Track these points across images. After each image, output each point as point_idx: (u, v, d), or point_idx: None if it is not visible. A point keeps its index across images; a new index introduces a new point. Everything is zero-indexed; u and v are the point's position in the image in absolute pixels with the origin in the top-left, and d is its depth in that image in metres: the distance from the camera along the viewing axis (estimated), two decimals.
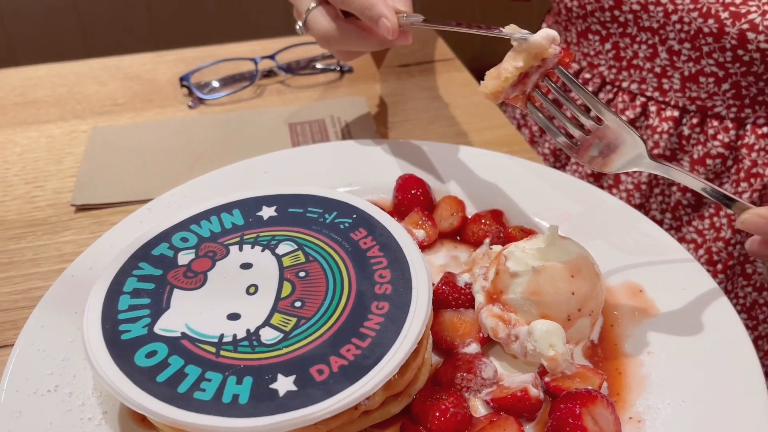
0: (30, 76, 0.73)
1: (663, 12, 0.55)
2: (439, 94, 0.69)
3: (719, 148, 0.59)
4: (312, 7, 0.50)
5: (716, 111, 0.58)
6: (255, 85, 0.70)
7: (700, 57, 0.56)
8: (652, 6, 0.55)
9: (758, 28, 0.51)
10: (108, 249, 0.45)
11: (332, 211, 0.43)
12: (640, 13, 0.56)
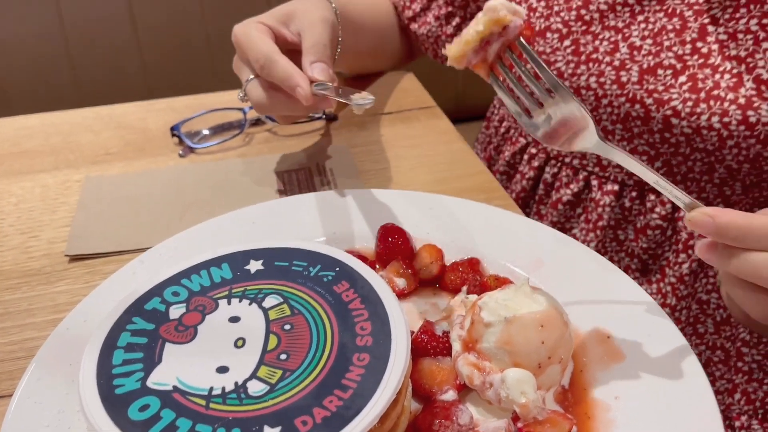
0: (24, 126, 0.76)
1: (594, 96, 0.59)
2: (419, 141, 0.72)
3: (658, 220, 0.62)
4: (250, 79, 0.56)
5: (651, 186, 0.61)
6: (244, 134, 0.72)
7: (632, 137, 0.59)
8: (583, 90, 0.59)
9: (681, 114, 0.55)
10: (102, 301, 0.47)
11: (316, 264, 0.45)
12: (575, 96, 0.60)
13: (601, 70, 0.58)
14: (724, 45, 0.53)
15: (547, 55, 0.61)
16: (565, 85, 0.42)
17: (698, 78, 0.54)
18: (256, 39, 0.55)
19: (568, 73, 0.60)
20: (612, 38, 0.58)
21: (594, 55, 0.59)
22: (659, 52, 0.56)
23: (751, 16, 0.52)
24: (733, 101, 0.51)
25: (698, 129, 0.53)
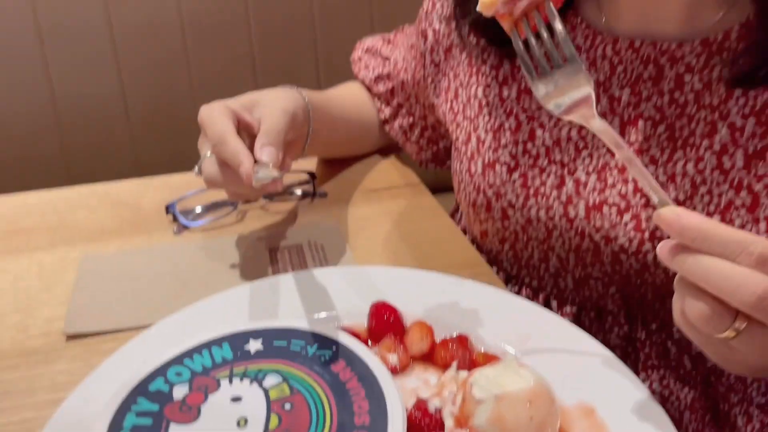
0: (20, 203, 0.78)
1: (545, 228, 0.60)
2: (406, 217, 0.75)
3: (616, 339, 0.63)
4: (207, 155, 0.60)
5: (609, 309, 0.62)
6: (237, 211, 0.75)
7: (585, 266, 0.61)
8: (534, 222, 0.61)
9: (628, 252, 0.57)
10: (103, 381, 0.48)
11: (314, 344, 0.47)
12: (526, 226, 0.62)
13: (549, 204, 0.60)
14: (665, 187, 0.54)
15: (497, 187, 0.63)
16: (581, 59, 0.43)
17: (642, 217, 0.55)
18: (216, 119, 0.59)
19: (519, 206, 0.62)
20: (558, 172, 0.60)
21: (542, 189, 0.61)
22: (604, 189, 0.57)
23: (686, 159, 0.54)
24: None
25: (645, 265, 0.55)
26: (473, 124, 0.66)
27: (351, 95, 0.84)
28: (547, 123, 0.61)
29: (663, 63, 0.55)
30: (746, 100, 0.52)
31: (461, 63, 0.68)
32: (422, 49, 0.73)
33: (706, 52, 0.53)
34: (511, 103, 0.63)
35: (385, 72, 0.82)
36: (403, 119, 0.82)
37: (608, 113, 0.58)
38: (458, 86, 0.69)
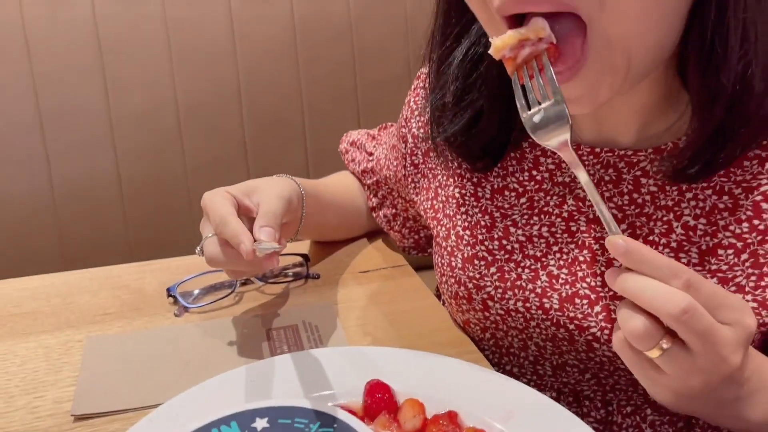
0: (25, 287, 0.81)
1: (523, 318, 0.65)
2: (394, 298, 0.79)
3: (594, 423, 0.66)
4: (209, 236, 0.65)
5: (585, 393, 0.66)
6: (235, 293, 0.79)
7: (561, 353, 0.65)
8: (513, 313, 0.65)
9: (600, 340, 0.61)
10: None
11: (316, 421, 0.51)
12: (505, 317, 0.66)
13: (525, 296, 0.64)
14: None
15: (477, 280, 0.67)
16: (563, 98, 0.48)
17: (611, 308, 0.60)
18: (218, 203, 0.65)
19: (498, 297, 0.65)
20: (532, 266, 0.64)
21: (518, 282, 0.64)
22: (575, 282, 0.61)
23: None
24: None
25: (617, 354, 0.59)
26: (452, 222, 0.71)
27: (343, 183, 0.90)
28: (519, 220, 0.65)
29: (621, 167, 0.60)
30: (697, 202, 0.57)
31: (438, 165, 0.74)
32: (403, 151, 0.79)
33: (659, 159, 0.58)
34: (486, 202, 0.68)
35: (369, 167, 0.89)
36: (387, 209, 0.88)
37: (576, 212, 0.63)
38: (437, 186, 0.74)
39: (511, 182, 0.66)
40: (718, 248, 0.56)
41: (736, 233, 0.55)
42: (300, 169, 1.31)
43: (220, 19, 1.25)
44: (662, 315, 0.43)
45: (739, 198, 0.55)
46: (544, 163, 0.65)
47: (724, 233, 0.56)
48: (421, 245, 0.89)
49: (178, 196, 1.26)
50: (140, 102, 1.23)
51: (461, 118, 0.64)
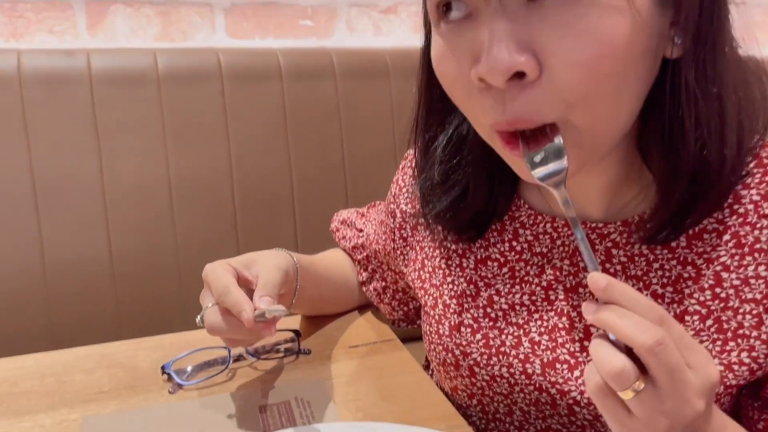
0: (20, 366, 0.82)
1: (507, 384, 0.68)
2: (384, 372, 0.81)
3: None
4: (209, 306, 0.68)
5: None
6: (228, 369, 0.81)
7: (545, 417, 0.67)
8: (498, 378, 0.68)
9: (580, 404, 0.64)
10: None
11: None
12: (491, 382, 0.69)
13: (509, 362, 0.67)
14: None
15: (463, 347, 0.70)
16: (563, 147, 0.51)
17: None
18: (219, 274, 0.69)
19: (483, 363, 0.68)
20: (515, 333, 0.67)
21: (502, 348, 0.67)
22: (555, 348, 0.65)
23: None
24: None
25: (597, 417, 0.62)
26: (439, 291, 0.74)
27: (335, 259, 0.94)
28: (502, 289, 0.69)
29: (594, 239, 0.64)
30: (663, 272, 0.61)
31: (425, 238, 0.78)
32: (392, 225, 0.83)
33: (627, 231, 0.62)
34: (470, 272, 0.72)
35: (359, 242, 0.92)
36: (377, 283, 0.92)
37: (554, 282, 0.67)
38: (424, 258, 0.78)
39: (493, 253, 0.70)
40: (685, 314, 0.59)
41: (701, 300, 0.59)
42: (289, 243, 1.35)
43: (213, 100, 1.31)
44: (636, 345, 0.45)
45: (701, 268, 0.59)
46: (523, 234, 0.69)
47: (689, 300, 0.59)
48: (410, 317, 0.92)
49: (169, 272, 1.28)
50: (134, 180, 1.27)
51: (448, 196, 0.68)
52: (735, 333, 0.57)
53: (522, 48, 0.47)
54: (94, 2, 1.37)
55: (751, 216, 0.57)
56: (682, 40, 0.51)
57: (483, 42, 0.49)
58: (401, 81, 1.43)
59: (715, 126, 0.53)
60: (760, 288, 0.56)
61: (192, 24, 1.44)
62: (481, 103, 0.52)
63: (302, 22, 1.52)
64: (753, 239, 0.57)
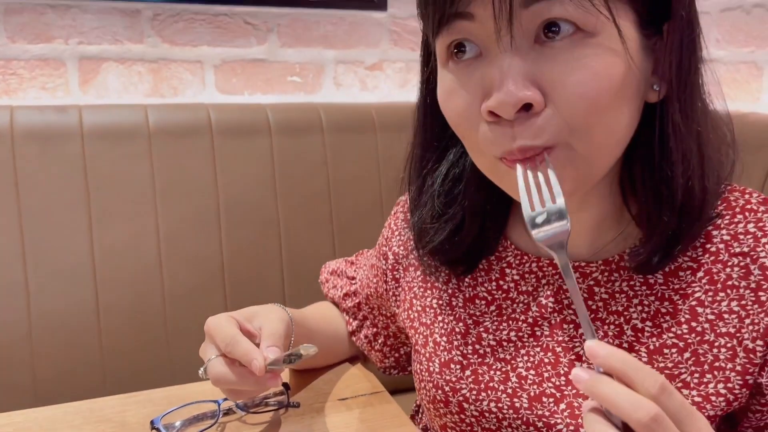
0: (6, 423, 0.81)
1: (495, 418, 0.68)
2: (374, 425, 0.82)
3: None
4: (213, 357, 0.70)
5: None
6: (217, 424, 0.81)
7: None
8: (486, 414, 0.69)
9: None
10: None
11: None
12: (480, 418, 0.70)
13: (498, 396, 0.68)
14: None
15: (453, 383, 0.71)
16: (566, 209, 0.53)
17: (575, 406, 0.64)
18: (224, 326, 0.70)
19: (473, 399, 0.69)
20: (503, 368, 0.69)
21: (491, 384, 0.69)
22: (542, 382, 0.66)
23: (582, 345, 0.64)
24: None
25: None
26: (429, 330, 0.76)
27: (324, 312, 0.95)
28: (490, 326, 0.71)
29: (577, 277, 0.66)
30: (642, 307, 0.63)
31: (416, 279, 0.81)
32: (384, 267, 0.86)
33: (608, 269, 0.65)
34: (460, 311, 0.74)
35: (352, 290, 0.94)
36: (368, 330, 0.93)
37: (539, 318, 0.68)
38: (413, 297, 0.80)
39: (481, 291, 0.73)
40: (664, 348, 0.62)
41: (678, 334, 0.61)
42: (277, 295, 1.36)
43: (203, 155, 1.33)
44: (632, 421, 0.46)
45: (678, 303, 0.62)
46: (509, 274, 0.71)
47: (668, 334, 0.62)
48: (401, 363, 0.93)
49: (156, 326, 1.28)
50: (123, 233, 1.28)
51: (444, 230, 0.71)
52: (711, 365, 0.60)
53: (529, 83, 0.52)
54: (86, 60, 1.40)
55: (722, 254, 0.61)
56: (660, 87, 0.57)
57: (494, 78, 0.53)
58: (387, 135, 1.47)
59: (697, 161, 0.58)
60: (734, 322, 0.59)
61: (182, 80, 1.48)
62: (489, 136, 0.56)
63: (290, 79, 1.56)
64: (725, 276, 0.60)
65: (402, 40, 1.64)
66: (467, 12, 0.53)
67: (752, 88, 1.35)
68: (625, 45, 0.53)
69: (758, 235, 0.60)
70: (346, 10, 1.57)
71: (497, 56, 0.54)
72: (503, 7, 0.51)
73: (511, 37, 0.52)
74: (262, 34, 1.52)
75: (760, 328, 0.59)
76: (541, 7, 0.51)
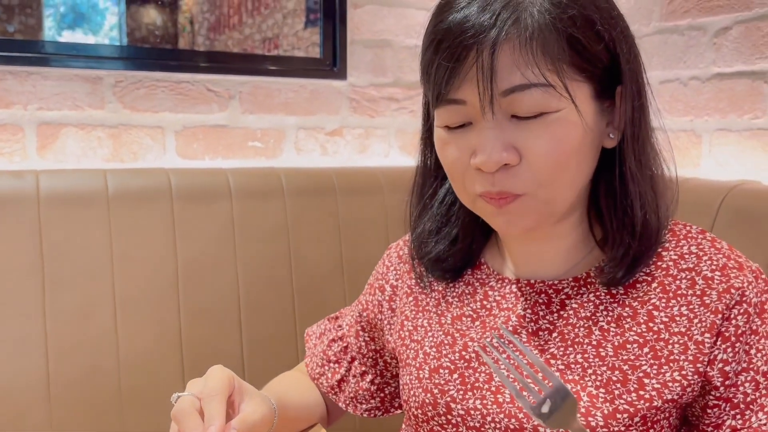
0: None
1: (480, 415, 0.75)
2: None
3: None
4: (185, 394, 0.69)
5: None
6: None
7: None
8: (472, 411, 0.75)
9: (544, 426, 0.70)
10: None
11: None
12: (465, 417, 0.76)
13: (482, 394, 0.75)
14: (563, 373, 0.72)
15: (441, 386, 0.77)
16: (555, 373, 0.60)
17: None
18: (189, 412, 0.67)
19: (459, 398, 0.76)
20: (487, 371, 0.77)
21: (476, 384, 0.76)
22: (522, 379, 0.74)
23: (576, 353, 0.73)
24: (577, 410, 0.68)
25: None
26: (420, 344, 0.83)
27: (296, 385, 0.94)
28: (475, 336, 0.79)
29: (551, 293, 0.77)
30: (608, 312, 0.74)
31: (408, 304, 0.88)
32: (380, 299, 0.92)
33: (578, 284, 0.77)
34: (448, 326, 0.82)
35: (338, 335, 0.97)
36: (356, 369, 0.94)
37: (519, 327, 0.77)
38: (404, 319, 0.87)
39: (467, 311, 0.82)
40: (627, 344, 0.72)
41: (638, 332, 0.72)
42: (235, 361, 1.33)
43: (163, 220, 1.33)
44: None
45: (637, 309, 0.73)
46: (492, 296, 0.81)
47: (629, 333, 0.72)
48: (386, 405, 0.95)
49: (109, 396, 1.24)
50: (77, 300, 1.25)
51: (441, 244, 0.83)
52: (667, 359, 0.70)
53: (507, 147, 0.67)
54: (45, 125, 1.40)
55: (672, 270, 0.74)
56: (614, 135, 0.72)
57: (480, 144, 0.68)
58: (347, 199, 1.49)
59: (651, 197, 0.72)
60: (684, 323, 0.71)
61: (143, 145, 1.48)
62: (474, 179, 0.70)
63: (251, 144, 1.58)
64: (675, 287, 0.73)
65: (361, 107, 1.69)
66: (459, 99, 0.67)
67: (692, 154, 1.42)
68: (582, 117, 0.67)
69: (699, 254, 0.73)
70: (307, 78, 1.62)
71: (482, 127, 0.68)
72: (486, 93, 0.65)
73: (492, 114, 0.66)
74: (224, 101, 1.55)
75: (706, 323, 0.70)
76: (515, 96, 0.65)
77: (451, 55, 0.66)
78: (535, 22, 0.64)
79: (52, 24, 1.42)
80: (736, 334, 0.69)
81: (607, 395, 0.69)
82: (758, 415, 0.69)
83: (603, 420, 0.69)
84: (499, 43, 0.64)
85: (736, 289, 0.70)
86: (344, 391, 0.95)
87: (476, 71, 0.65)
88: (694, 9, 1.40)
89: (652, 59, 1.49)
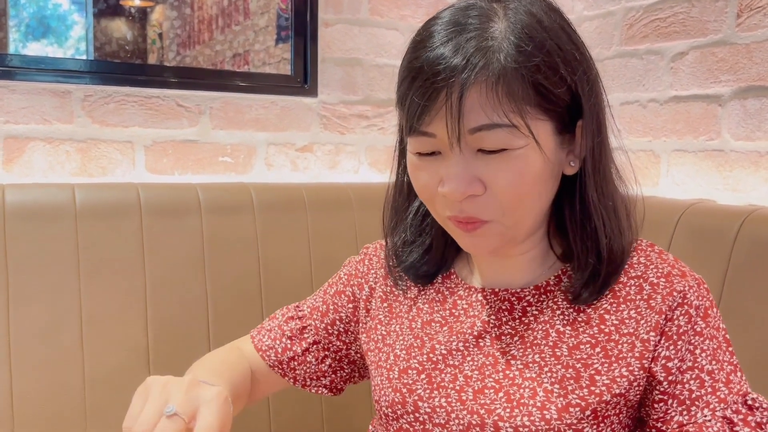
0: None
1: (445, 412, 0.80)
2: None
3: None
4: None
5: None
6: None
7: None
8: (438, 409, 0.80)
9: (504, 418, 0.76)
10: None
11: None
12: (431, 414, 0.81)
13: (447, 393, 0.80)
14: (522, 371, 0.78)
15: (409, 385, 0.82)
16: None
17: (510, 393, 0.77)
18: None
19: (426, 397, 0.81)
20: (452, 372, 0.82)
21: (442, 384, 0.81)
22: (484, 379, 0.80)
23: (534, 353, 0.79)
24: (534, 405, 0.75)
25: (516, 428, 0.74)
26: (391, 347, 0.88)
27: (229, 362, 0.92)
28: (442, 340, 0.84)
29: (513, 301, 0.83)
30: (564, 317, 0.80)
31: (382, 309, 0.92)
32: (359, 296, 0.95)
33: (538, 293, 0.83)
34: (418, 331, 0.87)
35: (298, 314, 0.97)
36: (318, 353, 0.95)
37: (483, 332, 0.82)
38: (378, 323, 0.91)
39: (436, 317, 0.87)
40: (581, 344, 0.78)
41: (590, 334, 0.78)
42: None
43: (131, 235, 1.32)
44: None
45: (590, 313, 0.80)
46: (460, 304, 0.86)
47: (583, 335, 0.78)
48: (335, 384, 0.97)
49: (74, 413, 1.22)
50: (43, 315, 1.24)
51: (416, 253, 0.89)
52: (617, 357, 0.76)
53: (473, 179, 0.72)
54: (12, 138, 1.39)
55: (622, 277, 0.80)
56: (575, 163, 0.77)
57: (446, 174, 0.72)
58: (317, 215, 1.50)
59: (615, 223, 0.78)
60: (632, 325, 0.77)
61: (112, 160, 1.48)
62: (445, 204, 0.75)
63: (222, 159, 1.59)
64: (625, 293, 0.79)
65: (331, 124, 1.71)
66: (429, 132, 0.72)
67: (652, 173, 1.48)
68: (543, 152, 0.72)
69: (647, 263, 0.79)
70: (278, 95, 1.64)
71: (450, 158, 0.72)
72: (454, 131, 0.70)
73: (459, 148, 0.71)
74: (195, 116, 1.55)
75: (651, 323, 0.76)
76: (481, 134, 0.70)
77: (423, 93, 0.70)
78: (502, 68, 0.69)
79: (17, 36, 1.41)
80: (678, 333, 0.75)
81: (561, 390, 0.75)
82: (704, 412, 0.73)
83: (557, 413, 0.74)
84: (468, 86, 0.68)
85: (678, 292, 0.76)
86: (295, 369, 0.96)
87: (445, 111, 0.70)
88: (652, 34, 1.47)
89: (613, 82, 1.54)
